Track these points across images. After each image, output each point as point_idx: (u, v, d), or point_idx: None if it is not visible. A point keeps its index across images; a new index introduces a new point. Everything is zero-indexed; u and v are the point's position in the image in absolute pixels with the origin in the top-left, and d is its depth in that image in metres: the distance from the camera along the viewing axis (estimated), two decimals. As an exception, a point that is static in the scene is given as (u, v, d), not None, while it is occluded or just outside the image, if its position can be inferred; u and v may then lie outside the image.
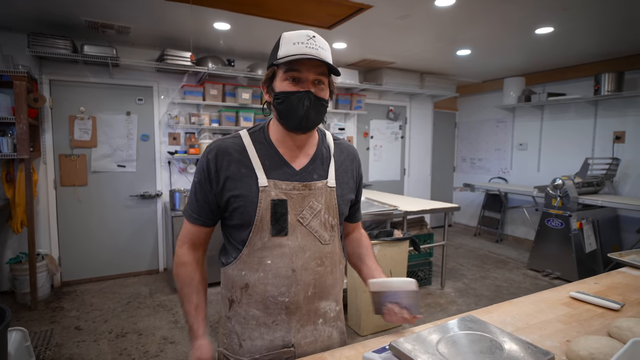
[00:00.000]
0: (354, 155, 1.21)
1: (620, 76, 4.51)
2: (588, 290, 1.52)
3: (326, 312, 1.11)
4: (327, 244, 1.08)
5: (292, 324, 1.05)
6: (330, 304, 1.12)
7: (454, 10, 3.14)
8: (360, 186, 1.24)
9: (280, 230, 1.01)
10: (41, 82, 3.81)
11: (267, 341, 1.05)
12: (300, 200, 1.04)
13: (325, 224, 1.07)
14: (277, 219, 1.01)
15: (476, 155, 6.77)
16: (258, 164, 1.04)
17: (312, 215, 1.05)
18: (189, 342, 1.09)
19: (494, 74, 5.85)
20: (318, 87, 1.00)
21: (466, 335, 0.95)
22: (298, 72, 0.97)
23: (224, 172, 1.03)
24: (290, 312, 1.04)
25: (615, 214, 4.71)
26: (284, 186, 1.03)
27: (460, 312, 3.49)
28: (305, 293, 1.04)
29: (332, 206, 1.09)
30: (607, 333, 1.17)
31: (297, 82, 0.98)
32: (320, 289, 1.07)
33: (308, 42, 0.96)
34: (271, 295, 1.03)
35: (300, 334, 1.06)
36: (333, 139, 1.18)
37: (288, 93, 0.98)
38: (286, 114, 1.00)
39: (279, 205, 1.01)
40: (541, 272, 4.54)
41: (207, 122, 4.47)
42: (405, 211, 3.59)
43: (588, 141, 5.07)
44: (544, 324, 1.25)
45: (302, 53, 0.94)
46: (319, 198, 1.06)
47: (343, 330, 1.20)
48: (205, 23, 3.50)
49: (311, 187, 1.05)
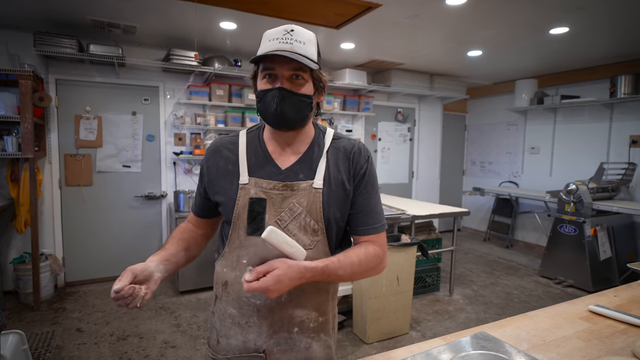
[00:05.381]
0: (352, 153, 1.05)
1: (638, 78, 4.39)
2: (608, 303, 1.43)
3: (303, 322, 1.03)
4: (308, 249, 0.98)
5: (263, 328, 1.01)
6: (309, 314, 1.04)
7: (465, 9, 3.06)
8: (366, 187, 1.05)
9: (255, 230, 0.98)
10: (47, 82, 3.81)
11: (241, 342, 1.03)
12: (280, 201, 1.00)
13: (305, 228, 0.99)
14: (254, 217, 0.98)
15: (486, 158, 6.65)
16: (244, 161, 1.04)
17: (291, 218, 0.99)
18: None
19: (505, 75, 5.73)
20: (295, 82, 0.97)
21: (480, 356, 0.87)
22: (272, 69, 0.96)
23: (213, 169, 1.07)
24: (262, 316, 1.01)
25: (631, 221, 4.57)
26: (264, 185, 1.01)
27: (469, 320, 3.39)
28: (278, 298, 1.00)
29: (316, 209, 0.99)
30: (632, 352, 1.09)
31: (272, 80, 0.97)
32: (297, 296, 1.01)
33: (283, 37, 0.94)
34: (245, 295, 1.01)
35: (273, 340, 1.01)
36: (334, 137, 1.08)
37: (264, 91, 0.98)
38: (263, 112, 1.00)
39: (256, 203, 0.99)
40: (553, 279, 4.41)
41: (213, 123, 4.43)
42: (414, 215, 3.50)
43: (603, 145, 4.93)
44: (561, 340, 1.16)
45: (275, 49, 0.93)
46: (301, 200, 0.99)
47: (329, 344, 1.09)
48: (211, 22, 3.46)
49: (293, 188, 1.00)
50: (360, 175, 1.05)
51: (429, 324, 3.29)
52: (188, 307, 3.58)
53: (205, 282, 3.90)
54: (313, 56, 0.97)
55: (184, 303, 3.66)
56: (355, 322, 3.12)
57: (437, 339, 1.15)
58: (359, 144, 1.09)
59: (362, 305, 3.01)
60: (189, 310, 3.51)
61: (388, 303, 3.01)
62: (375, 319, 2.98)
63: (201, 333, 3.07)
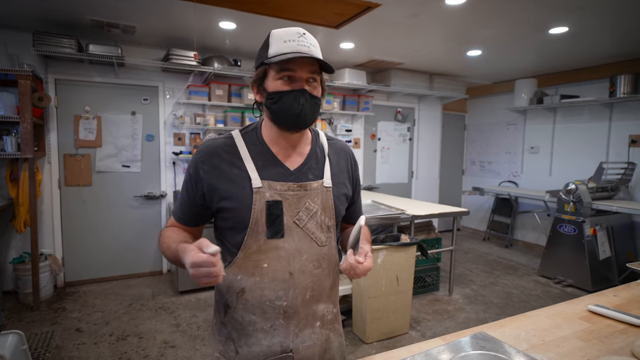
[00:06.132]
0: (348, 155, 1.18)
1: (637, 78, 4.38)
2: (607, 303, 1.43)
3: (324, 315, 1.08)
4: (324, 246, 1.05)
5: (290, 329, 1.02)
6: (327, 307, 1.09)
7: (465, 9, 3.06)
8: (358, 186, 1.22)
9: (276, 233, 0.98)
10: (46, 82, 3.80)
11: (265, 347, 1.01)
12: (296, 201, 1.01)
13: (321, 225, 1.04)
14: (273, 220, 0.98)
15: (486, 158, 6.65)
16: (251, 165, 1.01)
17: (309, 217, 1.02)
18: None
19: (505, 75, 5.73)
20: (311, 85, 0.98)
21: (479, 356, 0.87)
22: (292, 71, 0.95)
23: (213, 172, 1.00)
24: (288, 317, 1.01)
25: (631, 220, 4.57)
26: (278, 187, 1.00)
27: (468, 319, 3.39)
28: (303, 296, 1.02)
29: (329, 207, 1.06)
30: (631, 352, 1.09)
31: (290, 81, 0.96)
32: (318, 292, 1.05)
33: (299, 39, 0.94)
34: (268, 299, 1.00)
35: (299, 338, 1.03)
36: (327, 138, 1.16)
37: (282, 92, 0.96)
38: (281, 113, 0.97)
39: (274, 206, 0.98)
40: (553, 279, 4.41)
41: (213, 123, 4.42)
42: (413, 215, 3.50)
43: (602, 145, 4.93)
44: (561, 340, 1.16)
45: (295, 51, 0.92)
46: (315, 199, 1.03)
47: (341, 332, 1.17)
48: (211, 22, 3.46)
49: (307, 188, 1.03)
50: (356, 174, 1.20)
51: (428, 324, 3.29)
52: (188, 307, 3.57)
53: (204, 282, 3.89)
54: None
55: (183, 303, 3.66)
56: (354, 322, 3.12)
57: (437, 339, 1.15)
58: (350, 149, 1.21)
59: (362, 305, 3.01)
60: (189, 310, 3.51)
61: (388, 303, 3.01)
62: (375, 319, 2.98)
63: (201, 333, 3.07)
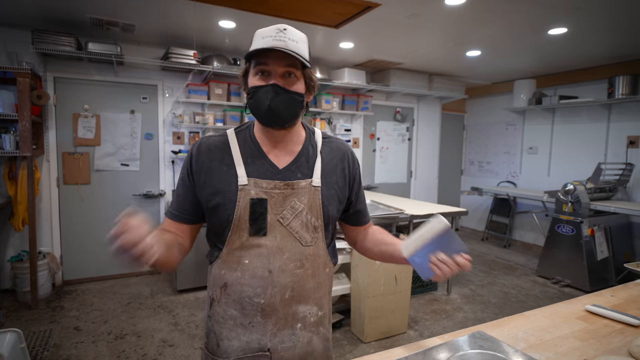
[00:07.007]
0: (345, 153, 1.13)
1: (636, 79, 4.40)
2: (604, 303, 1.44)
3: (305, 317, 1.06)
4: (309, 246, 1.03)
5: (267, 327, 1.01)
6: (310, 309, 1.07)
7: (464, 9, 3.06)
8: (356, 185, 1.16)
9: (258, 230, 0.99)
10: (45, 80, 3.79)
11: (244, 342, 1.02)
12: (281, 200, 1.01)
13: (307, 225, 1.03)
14: (256, 218, 0.99)
15: (484, 158, 6.67)
16: (240, 162, 1.02)
17: (293, 216, 1.01)
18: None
19: (504, 75, 5.74)
20: (288, 79, 0.97)
21: (477, 355, 0.88)
22: (265, 65, 0.96)
23: (205, 169, 1.03)
24: (266, 315, 1.01)
25: (628, 221, 4.58)
26: (264, 185, 1.00)
27: (466, 319, 3.39)
28: (282, 295, 1.01)
29: (316, 207, 1.04)
30: (628, 352, 1.09)
31: (266, 76, 0.97)
32: (299, 292, 1.03)
33: (277, 34, 0.94)
34: (247, 295, 1.00)
35: (277, 338, 1.02)
36: (323, 137, 1.14)
37: (256, 87, 0.97)
38: (254, 109, 0.99)
39: (258, 204, 0.99)
40: (551, 279, 4.43)
41: (212, 122, 4.42)
42: (412, 215, 3.51)
43: (601, 146, 4.95)
44: (558, 340, 1.17)
45: (269, 46, 0.93)
46: (301, 198, 1.02)
47: (327, 337, 1.13)
48: (210, 21, 3.46)
49: (294, 187, 1.02)
50: (354, 173, 1.15)
51: (426, 323, 3.30)
52: (186, 305, 3.57)
53: (203, 280, 3.89)
54: (305, 55, 0.98)
55: (182, 302, 3.66)
56: (353, 321, 3.12)
57: (435, 338, 1.15)
58: (350, 148, 1.17)
59: (360, 305, 3.01)
60: (187, 309, 3.51)
61: (386, 302, 3.02)
62: (373, 318, 2.98)
63: (199, 332, 3.07)
